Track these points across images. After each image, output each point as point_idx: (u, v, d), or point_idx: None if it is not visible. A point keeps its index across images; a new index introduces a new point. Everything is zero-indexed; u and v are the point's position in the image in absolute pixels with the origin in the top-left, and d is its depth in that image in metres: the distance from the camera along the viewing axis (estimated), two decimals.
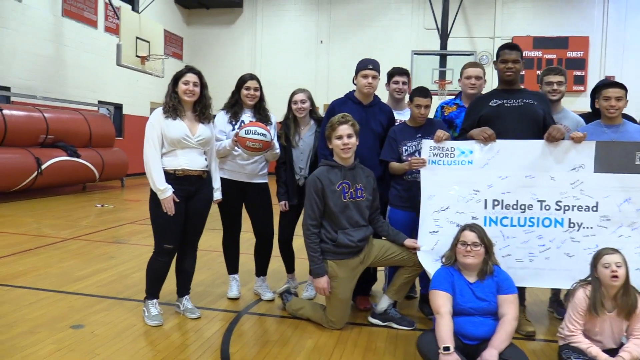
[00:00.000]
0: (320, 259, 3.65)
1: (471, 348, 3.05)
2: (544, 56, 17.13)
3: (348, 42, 18.31)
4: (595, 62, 17.05)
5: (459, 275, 3.15)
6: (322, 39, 18.87)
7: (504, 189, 3.59)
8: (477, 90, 4.18)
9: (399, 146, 3.91)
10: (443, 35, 15.56)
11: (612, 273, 2.98)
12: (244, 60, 19.19)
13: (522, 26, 17.51)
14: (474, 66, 4.26)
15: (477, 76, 4.18)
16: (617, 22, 16.81)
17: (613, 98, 3.60)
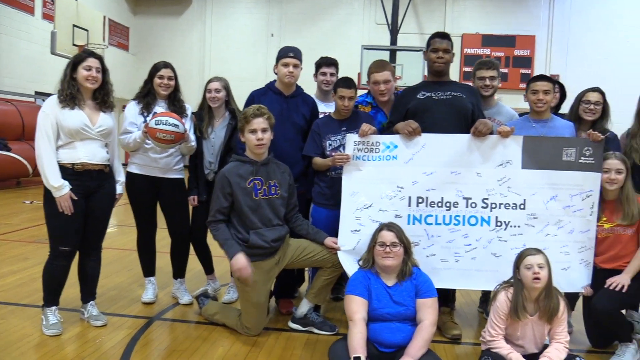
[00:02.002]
0: (232, 241, 3.34)
1: (388, 356, 2.85)
2: (492, 54, 17.25)
3: (299, 36, 17.98)
4: (541, 61, 17.34)
5: (376, 278, 2.94)
6: (273, 32, 18.53)
7: (428, 186, 3.40)
8: (389, 96, 3.86)
9: (322, 140, 3.67)
10: (393, 31, 15.48)
11: (534, 275, 2.82)
12: (193, 53, 18.66)
13: (472, 24, 17.63)
14: (381, 69, 3.82)
15: (386, 80, 3.80)
16: (561, 22, 17.11)
17: (541, 92, 3.46)
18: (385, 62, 3.88)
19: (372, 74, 3.79)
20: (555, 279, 3.28)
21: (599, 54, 16.34)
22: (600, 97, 3.59)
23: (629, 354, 3.22)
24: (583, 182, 3.34)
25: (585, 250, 3.38)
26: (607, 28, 16.54)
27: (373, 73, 3.78)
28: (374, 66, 3.80)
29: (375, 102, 3.90)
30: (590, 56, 16.46)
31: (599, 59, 16.21)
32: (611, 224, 3.33)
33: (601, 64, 15.90)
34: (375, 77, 3.77)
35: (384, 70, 3.76)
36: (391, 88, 3.81)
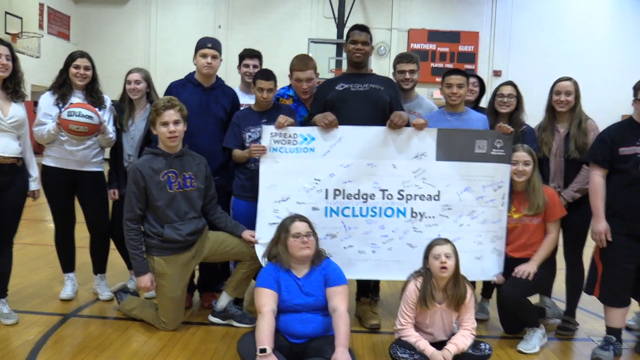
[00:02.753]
0: (141, 257, 3.33)
1: (299, 347, 2.86)
2: (438, 49, 17.54)
3: (247, 28, 17.81)
4: (484, 57, 17.70)
5: (286, 271, 2.94)
6: (221, 23, 18.25)
7: (345, 178, 3.42)
8: (311, 93, 3.79)
9: (242, 132, 3.63)
10: (340, 24, 15.52)
11: (441, 264, 2.89)
12: (138, 44, 18.17)
13: (418, 19, 17.82)
14: (304, 67, 3.72)
15: (309, 78, 3.73)
16: (504, 19, 17.51)
17: (455, 85, 3.53)
18: (308, 59, 3.80)
19: (294, 71, 3.73)
20: (469, 267, 3.39)
21: (540, 50, 16.84)
22: (513, 90, 3.69)
23: (536, 339, 3.34)
24: (494, 174, 3.43)
25: (497, 240, 3.49)
26: (547, 26, 17.07)
27: (296, 71, 3.72)
28: (297, 63, 3.73)
29: (296, 95, 3.89)
30: (531, 53, 16.94)
31: (539, 56, 16.70)
32: (519, 214, 3.44)
33: (542, 60, 16.38)
34: (298, 75, 3.72)
35: (307, 68, 3.70)
36: (313, 86, 3.76)
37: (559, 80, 3.65)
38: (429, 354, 2.83)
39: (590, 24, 16.90)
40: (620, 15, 16.96)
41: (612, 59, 16.38)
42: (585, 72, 16.32)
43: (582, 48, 16.63)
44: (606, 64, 16.26)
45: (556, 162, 3.60)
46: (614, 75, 15.44)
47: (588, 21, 16.93)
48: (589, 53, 16.48)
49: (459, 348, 2.86)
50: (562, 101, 3.57)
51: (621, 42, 16.72)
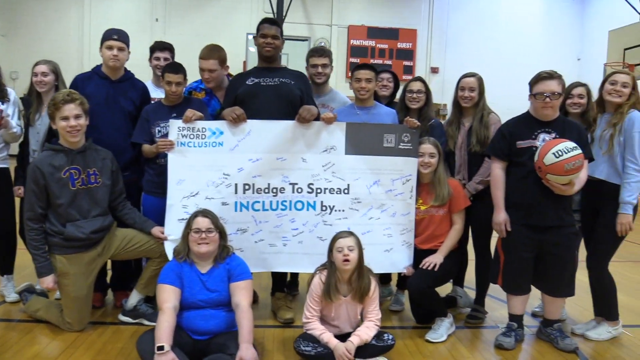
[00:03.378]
0: (43, 257, 3.21)
1: (202, 343, 2.83)
2: (377, 46, 17.72)
3: (185, 22, 17.47)
4: (422, 54, 18.02)
5: (190, 266, 2.90)
6: (158, 16, 17.81)
7: (255, 173, 3.40)
8: (215, 83, 3.80)
9: (151, 127, 3.55)
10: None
11: (344, 257, 2.91)
12: (71, 36, 17.49)
13: (358, 15, 17.95)
14: (207, 56, 3.69)
15: (211, 69, 3.70)
16: (441, 17, 17.89)
17: (363, 80, 3.57)
18: (215, 49, 3.73)
19: (199, 59, 3.69)
20: (379, 260, 3.46)
21: (475, 47, 17.27)
22: (422, 86, 3.78)
23: (443, 328, 3.44)
24: (403, 167, 3.50)
25: (407, 232, 3.55)
26: (482, 23, 17.56)
27: (200, 59, 3.68)
28: (202, 52, 3.69)
29: (209, 88, 3.84)
30: (467, 50, 17.34)
31: (474, 53, 17.10)
32: (426, 205, 3.53)
33: (477, 57, 16.72)
34: (200, 63, 3.68)
35: (209, 58, 3.66)
36: (217, 77, 3.72)
37: (464, 77, 3.76)
38: (332, 346, 2.86)
39: (522, 21, 17.53)
40: (551, 13, 17.66)
41: (543, 55, 16.99)
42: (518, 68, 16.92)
43: (515, 45, 17.21)
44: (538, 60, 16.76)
45: (461, 155, 3.71)
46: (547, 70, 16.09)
47: (520, 19, 17.54)
48: (522, 50, 17.05)
49: (362, 339, 2.90)
50: (466, 97, 3.68)
51: (552, 39, 17.42)
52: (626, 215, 3.26)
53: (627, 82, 3.32)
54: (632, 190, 3.25)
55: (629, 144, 3.26)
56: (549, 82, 3.16)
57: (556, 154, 2.99)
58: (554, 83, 3.16)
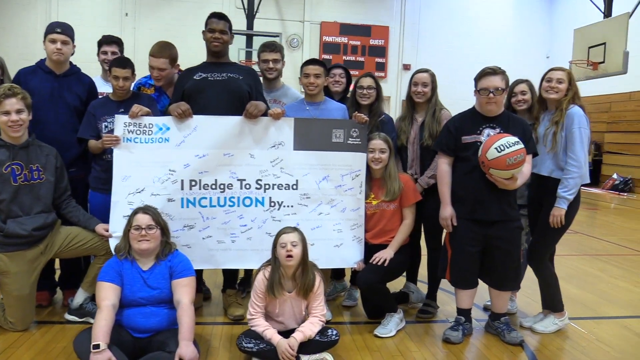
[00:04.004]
0: None
1: (143, 341, 2.79)
2: (350, 42, 17.72)
3: (155, 17, 17.25)
4: (394, 51, 18.09)
5: (131, 263, 2.86)
6: (128, 11, 17.55)
7: (201, 169, 3.37)
8: (164, 81, 3.76)
9: (97, 122, 3.49)
10: (250, 15, 15.33)
11: (287, 253, 2.90)
12: (38, 30, 16.99)
13: (330, 12, 17.93)
14: (158, 54, 3.66)
15: (160, 68, 3.65)
16: (413, 14, 17.97)
17: (312, 75, 3.56)
18: (167, 47, 3.68)
19: (150, 56, 3.64)
20: (329, 255, 3.47)
21: (446, 44, 17.44)
22: (372, 82, 3.78)
23: (392, 323, 3.45)
24: (352, 162, 3.50)
25: (357, 228, 3.56)
26: (453, 20, 17.71)
27: (150, 56, 3.63)
28: (153, 49, 3.64)
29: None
30: (439, 46, 17.51)
31: (446, 49, 17.29)
32: (377, 200, 3.53)
33: (448, 54, 17.00)
34: (151, 61, 3.64)
35: (160, 56, 3.60)
36: (166, 76, 3.67)
37: (417, 72, 3.77)
38: (275, 342, 2.85)
39: (493, 19, 17.74)
40: (521, 11, 17.90)
41: (513, 52, 17.22)
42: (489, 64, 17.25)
43: (485, 42, 17.41)
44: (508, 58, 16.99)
45: (413, 149, 3.72)
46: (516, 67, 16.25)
47: (491, 16, 17.75)
48: (492, 47, 17.26)
49: (305, 335, 2.89)
50: (419, 92, 3.70)
51: (522, 37, 17.66)
52: (559, 209, 3.32)
53: (562, 78, 3.36)
54: (568, 187, 3.30)
55: (569, 139, 3.31)
56: (492, 77, 3.19)
57: (498, 149, 3.02)
58: (498, 79, 3.19)
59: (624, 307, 4.23)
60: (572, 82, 3.40)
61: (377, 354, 3.16)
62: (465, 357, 3.20)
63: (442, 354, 3.23)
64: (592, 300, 4.37)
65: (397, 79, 17.66)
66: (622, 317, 4.00)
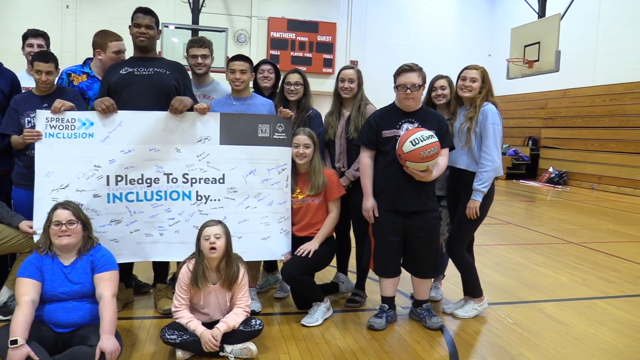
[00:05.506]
0: None
1: (65, 336, 2.80)
2: (297, 38, 17.79)
3: (98, 9, 16.83)
4: (342, 47, 18.28)
5: (52, 259, 2.85)
6: (69, 3, 17.06)
7: (127, 164, 3.38)
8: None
9: (20, 117, 3.45)
10: (195, 10, 15.14)
11: (210, 245, 2.96)
12: None
13: (278, 8, 17.95)
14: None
15: (119, 49, 3.82)
16: (359, 11, 18.21)
17: (238, 71, 3.63)
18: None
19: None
20: (257, 248, 3.55)
21: (392, 41, 17.78)
22: (299, 78, 3.87)
23: (319, 312, 3.57)
24: (278, 157, 3.59)
25: (284, 221, 3.65)
26: (399, 19, 18.08)
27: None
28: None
29: (92, 72, 3.78)
30: (385, 44, 17.82)
31: (392, 47, 17.61)
32: (303, 194, 3.63)
33: (394, 51, 17.26)
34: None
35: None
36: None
37: (344, 69, 3.89)
38: (198, 333, 2.91)
39: (437, 16, 18.21)
40: (464, 10, 18.41)
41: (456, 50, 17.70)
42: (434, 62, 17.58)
43: (430, 39, 17.87)
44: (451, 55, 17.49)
45: (341, 143, 3.84)
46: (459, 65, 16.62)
47: (436, 14, 18.23)
48: (437, 44, 17.75)
49: (229, 325, 2.96)
50: (345, 88, 3.81)
51: (465, 34, 18.19)
52: (474, 201, 3.51)
53: (476, 77, 3.54)
54: (483, 180, 3.49)
55: (483, 135, 3.50)
56: (409, 74, 3.33)
57: (413, 142, 3.17)
58: (414, 75, 3.33)
59: (541, 292, 4.49)
60: (486, 80, 3.58)
61: (302, 343, 3.27)
62: (387, 343, 3.34)
63: (365, 340, 3.36)
64: (513, 286, 4.61)
65: None
66: (537, 301, 4.25)
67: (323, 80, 16.99)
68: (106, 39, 3.81)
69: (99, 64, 3.83)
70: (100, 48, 3.82)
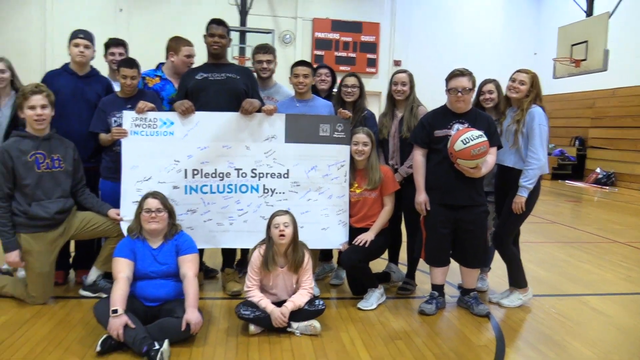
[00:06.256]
0: (10, 233, 3.51)
1: (154, 309, 3.19)
2: (341, 39, 18.04)
3: (149, 12, 17.49)
4: (385, 47, 18.45)
5: (142, 242, 3.26)
6: (122, 7, 17.78)
7: (203, 159, 3.77)
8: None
9: (107, 117, 3.88)
10: (243, 12, 15.66)
11: (279, 232, 3.30)
12: (33, 26, 17.26)
13: (322, 9, 18.24)
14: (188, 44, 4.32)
15: (190, 54, 4.28)
16: (403, 11, 18.33)
17: (301, 75, 3.96)
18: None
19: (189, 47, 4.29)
20: (317, 237, 3.88)
21: (436, 41, 17.84)
22: (356, 81, 4.18)
23: (374, 298, 3.87)
24: (338, 154, 3.91)
25: (342, 213, 3.96)
26: (443, 18, 18.11)
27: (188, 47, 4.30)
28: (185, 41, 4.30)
29: (164, 74, 4.20)
30: (429, 43, 17.90)
31: (435, 46, 17.70)
32: (360, 189, 3.94)
33: (438, 51, 17.41)
34: (186, 50, 4.27)
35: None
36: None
37: (396, 73, 4.17)
38: (269, 310, 3.26)
39: (481, 15, 18.14)
40: (509, 7, 18.29)
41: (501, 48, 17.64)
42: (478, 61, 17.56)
43: (474, 38, 17.81)
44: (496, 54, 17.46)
45: (394, 142, 4.13)
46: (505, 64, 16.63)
47: (480, 12, 18.15)
48: (481, 43, 17.70)
49: (295, 304, 3.30)
50: (398, 90, 4.10)
51: (510, 32, 18.07)
52: (520, 197, 3.73)
53: (525, 80, 3.77)
54: (529, 177, 3.71)
55: (530, 135, 3.72)
56: (460, 78, 3.59)
57: (464, 141, 3.43)
58: (465, 80, 3.59)
59: (585, 286, 4.67)
60: (535, 84, 3.80)
61: (359, 324, 3.57)
62: (437, 326, 3.62)
63: (416, 323, 3.64)
64: (557, 281, 4.80)
65: (388, 75, 17.72)
66: (581, 294, 4.43)
67: (366, 80, 17.01)
68: (179, 43, 4.23)
69: (171, 65, 4.26)
70: (173, 51, 4.24)
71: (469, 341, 3.37)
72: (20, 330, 3.24)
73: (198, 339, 3.15)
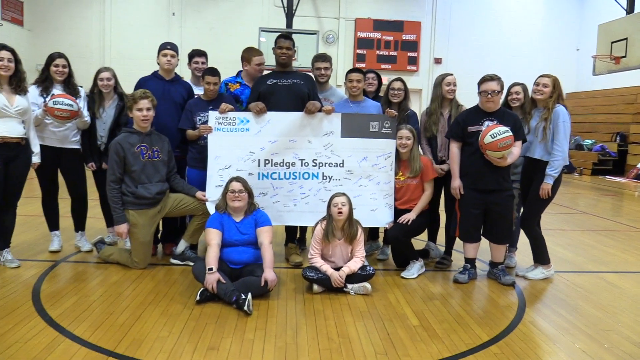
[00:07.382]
0: (121, 210, 4.37)
1: (237, 271, 3.98)
2: (383, 38, 18.58)
3: (200, 16, 18.42)
4: (426, 45, 18.89)
5: (228, 217, 4.05)
6: (175, 11, 18.78)
7: (273, 151, 4.55)
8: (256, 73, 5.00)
9: (193, 116, 4.69)
10: (289, 14, 16.39)
11: (338, 210, 4.04)
12: (93, 29, 18.45)
13: (364, 9, 18.82)
14: (258, 53, 5.05)
15: (260, 62, 5.02)
16: (444, 9, 18.73)
17: (354, 80, 4.69)
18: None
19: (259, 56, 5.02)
20: (367, 217, 4.59)
21: (476, 40, 18.14)
22: (401, 85, 4.87)
23: (415, 268, 4.56)
24: (385, 147, 4.62)
25: (388, 197, 4.67)
26: (483, 17, 18.37)
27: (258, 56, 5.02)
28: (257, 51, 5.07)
29: (243, 81, 5.00)
30: (469, 42, 18.23)
31: (476, 45, 18.03)
32: (404, 177, 4.63)
33: (478, 49, 17.75)
34: (257, 60, 5.00)
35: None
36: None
37: (446, 75, 4.80)
38: (329, 273, 4.01)
39: (522, 12, 18.27)
40: (551, 4, 18.40)
41: (543, 45, 17.81)
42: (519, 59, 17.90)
43: (515, 36, 18.00)
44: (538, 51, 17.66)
45: (442, 138, 4.79)
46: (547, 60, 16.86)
47: (521, 10, 18.32)
48: (522, 40, 17.87)
49: (350, 269, 4.04)
50: (450, 90, 4.74)
51: (552, 29, 18.14)
52: (547, 184, 4.35)
53: (547, 83, 4.38)
54: (555, 167, 4.33)
55: (555, 131, 4.34)
56: (490, 83, 4.25)
57: (492, 135, 4.09)
58: (494, 83, 4.24)
59: (604, 265, 5.23)
60: (557, 86, 4.41)
61: (403, 288, 4.28)
62: (468, 291, 4.29)
63: (451, 289, 4.32)
64: (580, 261, 5.38)
65: (429, 73, 18.30)
66: (600, 271, 5.00)
67: (407, 77, 17.70)
68: (251, 54, 5.00)
69: (245, 73, 5.04)
70: (246, 61, 5.02)
71: (495, 302, 4.04)
72: (131, 286, 4.09)
73: (272, 295, 3.92)
